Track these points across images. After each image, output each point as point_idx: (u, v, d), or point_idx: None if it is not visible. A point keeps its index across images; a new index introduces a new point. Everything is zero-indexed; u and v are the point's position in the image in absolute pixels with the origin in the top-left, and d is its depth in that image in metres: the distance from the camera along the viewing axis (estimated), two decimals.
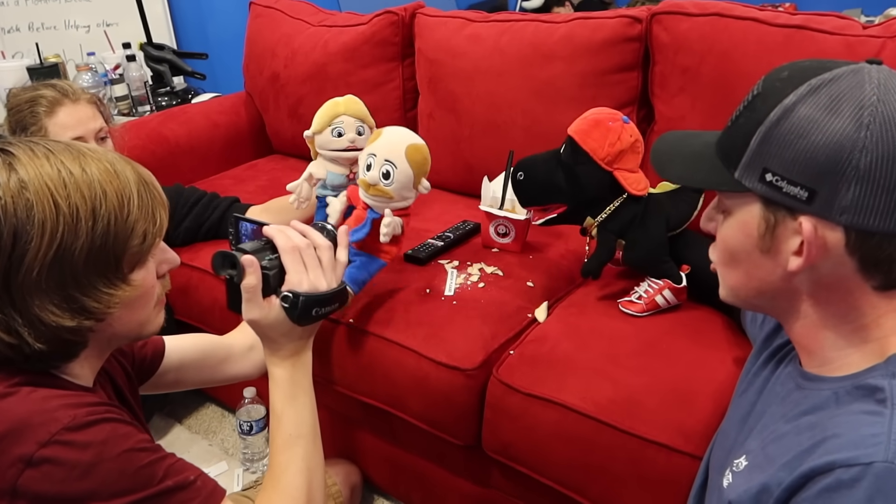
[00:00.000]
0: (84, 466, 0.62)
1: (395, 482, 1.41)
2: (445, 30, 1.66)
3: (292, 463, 0.80)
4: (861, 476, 0.51)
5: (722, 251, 0.69)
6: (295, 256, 0.81)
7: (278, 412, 0.83)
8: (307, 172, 1.26)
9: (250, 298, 0.80)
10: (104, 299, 0.67)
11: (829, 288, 0.62)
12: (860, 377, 0.60)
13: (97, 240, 0.65)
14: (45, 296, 0.64)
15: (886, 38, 1.17)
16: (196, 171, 1.92)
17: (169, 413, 1.74)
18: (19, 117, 1.37)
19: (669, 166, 0.71)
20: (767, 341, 0.81)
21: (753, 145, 0.60)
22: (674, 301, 1.15)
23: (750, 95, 0.63)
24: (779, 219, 0.60)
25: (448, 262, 1.33)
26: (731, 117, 0.65)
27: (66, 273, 0.64)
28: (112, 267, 0.67)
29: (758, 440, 0.67)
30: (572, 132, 1.12)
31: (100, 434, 0.64)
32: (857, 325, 0.62)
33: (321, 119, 1.24)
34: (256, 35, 2.05)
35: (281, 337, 0.83)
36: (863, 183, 0.55)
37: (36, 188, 0.63)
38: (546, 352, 1.10)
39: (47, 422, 0.62)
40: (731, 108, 0.66)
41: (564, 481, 1.04)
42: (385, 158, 1.07)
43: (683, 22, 1.35)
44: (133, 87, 2.33)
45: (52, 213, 0.63)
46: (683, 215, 1.16)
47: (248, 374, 1.06)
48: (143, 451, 0.67)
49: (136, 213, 0.68)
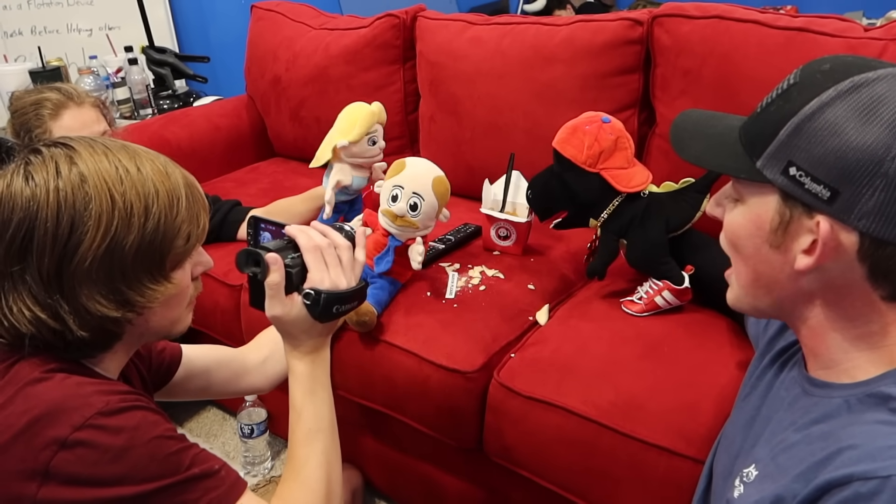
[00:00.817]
0: (116, 450, 0.64)
1: (395, 486, 1.41)
2: (447, 33, 1.67)
3: (312, 456, 0.81)
4: (880, 489, 0.50)
5: (727, 240, 0.67)
6: (317, 255, 0.82)
7: (298, 407, 0.84)
8: (334, 180, 1.28)
9: (273, 295, 0.81)
10: (147, 294, 0.70)
11: (838, 291, 0.61)
12: (871, 385, 0.60)
13: (147, 236, 0.68)
14: (94, 286, 0.67)
15: (888, 41, 1.17)
16: (198, 174, 1.86)
17: (170, 416, 1.73)
18: (24, 120, 1.37)
19: (690, 144, 0.68)
20: (771, 344, 0.81)
21: (783, 136, 0.58)
22: (675, 302, 1.14)
23: (785, 83, 0.61)
24: (794, 215, 0.59)
25: (449, 265, 1.33)
26: (761, 104, 0.62)
27: (116, 266, 0.67)
28: (157, 264, 0.70)
29: (766, 448, 0.66)
30: (554, 143, 1.16)
31: (132, 420, 0.66)
32: (864, 331, 0.61)
33: (360, 128, 1.26)
34: (258, 38, 2.06)
35: (302, 333, 0.84)
36: (888, 190, 0.54)
37: (95, 182, 0.66)
38: (547, 355, 1.09)
39: (82, 406, 0.64)
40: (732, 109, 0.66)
41: (566, 485, 1.04)
42: (413, 191, 1.12)
43: (685, 24, 1.35)
44: (135, 91, 2.33)
45: (108, 207, 0.66)
46: (685, 216, 1.15)
47: (262, 388, 1.08)
48: (171, 439, 0.69)
49: (183, 214, 0.71)
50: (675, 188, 1.17)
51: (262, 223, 0.88)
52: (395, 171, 1.15)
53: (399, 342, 1.15)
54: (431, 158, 1.16)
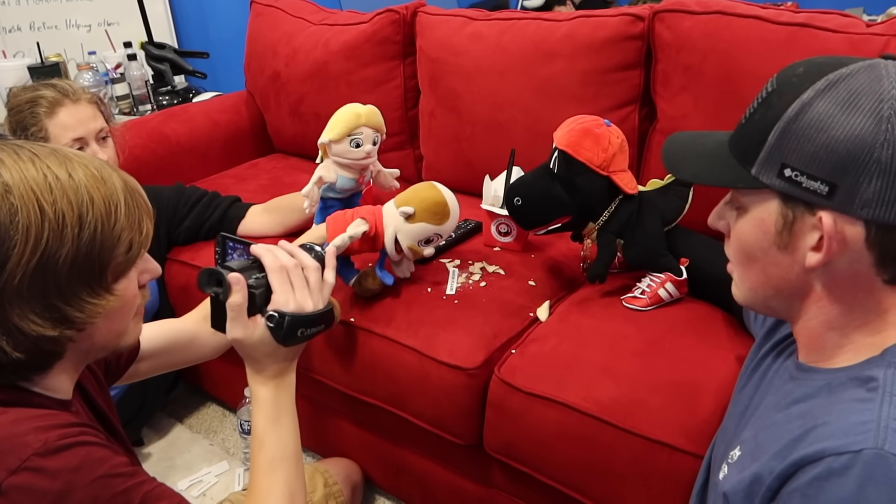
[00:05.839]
0: (55, 495, 0.59)
1: (395, 481, 1.41)
2: (447, 28, 1.66)
3: (275, 487, 0.78)
4: (851, 464, 0.52)
5: (737, 249, 0.68)
6: (282, 276, 0.80)
7: (260, 435, 0.81)
8: (317, 176, 1.25)
9: (235, 317, 0.78)
10: (87, 309, 0.65)
11: (843, 285, 0.61)
12: (856, 369, 0.61)
13: (83, 248, 0.63)
14: (26, 304, 0.62)
15: (890, 36, 1.17)
16: (197, 170, 1.92)
17: (170, 413, 1.74)
18: (20, 118, 1.36)
19: (683, 164, 0.70)
20: (768, 336, 0.82)
21: (771, 141, 0.60)
22: (676, 294, 1.15)
23: (764, 92, 0.62)
24: (797, 214, 0.60)
25: (450, 261, 1.33)
26: (745, 115, 0.64)
27: (50, 281, 0.62)
28: (96, 276, 0.65)
29: (751, 430, 0.68)
30: (564, 146, 1.11)
31: (72, 460, 0.61)
32: (860, 322, 0.62)
33: (340, 128, 1.22)
34: (257, 34, 2.05)
35: (265, 357, 0.81)
36: (884, 176, 0.55)
37: (21, 192, 0.60)
38: (548, 351, 1.09)
39: (17, 447, 0.59)
40: (733, 105, 0.66)
41: (566, 481, 1.04)
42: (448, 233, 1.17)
43: (686, 20, 1.34)
44: (134, 87, 2.33)
45: (37, 219, 0.60)
46: (676, 209, 1.17)
47: (212, 356, 1.05)
48: (118, 477, 0.63)
49: (122, 222, 0.66)
50: (661, 184, 1.19)
51: (230, 241, 0.86)
52: (434, 213, 1.12)
53: (400, 338, 1.15)
54: (431, 154, 1.15)
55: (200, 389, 1.78)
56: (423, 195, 1.12)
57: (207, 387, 1.75)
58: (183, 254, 1.52)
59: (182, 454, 1.62)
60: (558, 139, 1.13)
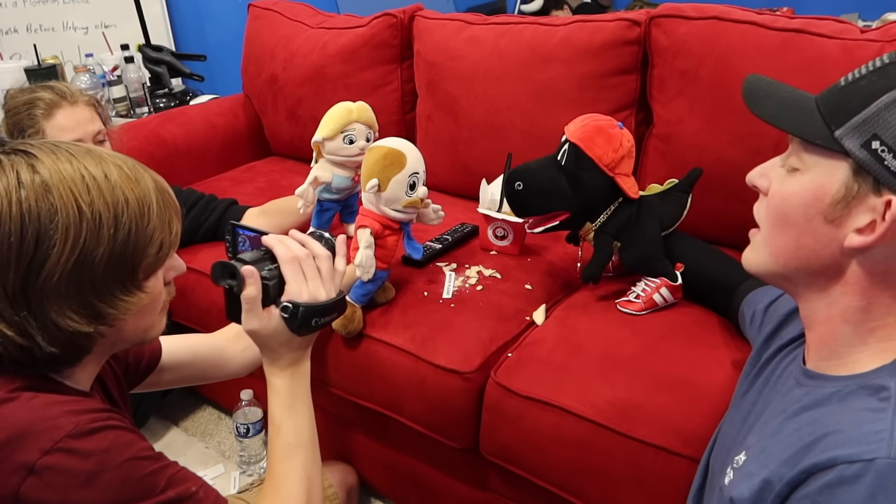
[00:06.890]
0: (87, 475, 0.61)
1: (391, 485, 1.41)
2: (444, 32, 1.67)
3: (292, 472, 0.80)
4: (863, 472, 0.51)
5: (775, 210, 0.65)
6: (294, 267, 0.80)
7: (277, 421, 0.83)
8: (312, 176, 1.26)
9: (250, 309, 0.79)
10: (120, 306, 0.67)
11: (873, 277, 0.60)
12: (867, 377, 0.60)
13: (118, 247, 0.65)
14: (64, 301, 0.63)
15: (885, 42, 1.17)
16: (194, 172, 1.92)
17: (165, 415, 1.73)
18: (16, 119, 1.36)
19: (765, 103, 0.66)
20: (768, 342, 0.81)
21: (874, 108, 0.57)
22: (671, 299, 1.15)
23: (878, 61, 0.59)
24: (862, 191, 0.58)
25: (446, 265, 1.33)
26: (846, 78, 0.61)
27: (86, 279, 0.64)
28: (129, 275, 0.67)
29: (757, 436, 0.67)
30: (576, 139, 1.10)
31: (103, 442, 0.63)
32: (877, 324, 0.61)
33: (333, 126, 1.24)
34: (255, 37, 2.05)
35: (280, 347, 0.82)
36: None
37: (60, 192, 0.62)
38: (544, 354, 1.09)
39: (50, 429, 0.61)
40: (729, 111, 0.66)
41: (562, 484, 1.04)
42: (423, 170, 1.12)
43: (682, 25, 1.35)
44: (131, 89, 2.33)
45: (76, 219, 0.62)
46: (674, 215, 1.18)
47: (239, 374, 1.06)
48: (145, 460, 0.66)
49: (154, 222, 0.68)
50: (660, 190, 1.20)
51: (240, 229, 0.86)
52: (391, 162, 1.08)
53: (396, 342, 1.15)
54: (429, 158, 1.15)
55: (196, 392, 1.78)
56: (370, 162, 1.10)
57: (203, 390, 1.75)
58: (180, 256, 1.51)
59: (177, 457, 1.59)
60: (571, 132, 1.12)
